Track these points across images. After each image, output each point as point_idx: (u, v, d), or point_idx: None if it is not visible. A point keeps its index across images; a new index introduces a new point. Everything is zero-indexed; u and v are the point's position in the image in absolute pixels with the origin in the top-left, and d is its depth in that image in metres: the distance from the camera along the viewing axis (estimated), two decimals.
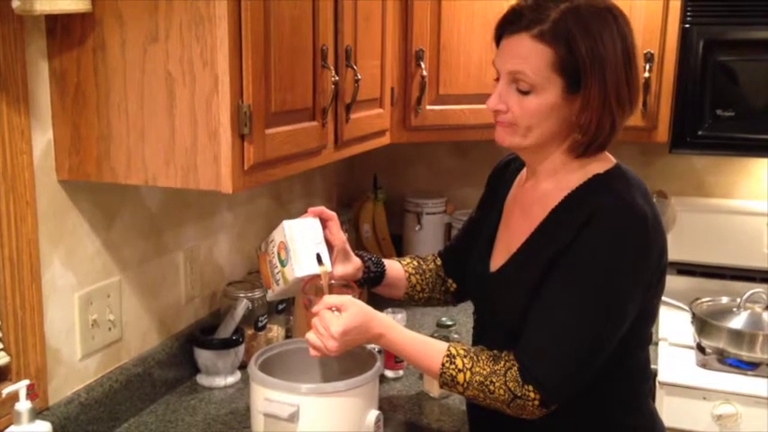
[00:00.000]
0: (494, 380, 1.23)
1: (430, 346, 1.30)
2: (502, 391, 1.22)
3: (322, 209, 1.43)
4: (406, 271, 1.55)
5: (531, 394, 1.21)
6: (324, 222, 1.42)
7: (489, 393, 1.23)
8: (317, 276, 1.35)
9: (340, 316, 1.26)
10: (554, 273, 1.22)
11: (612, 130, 1.24)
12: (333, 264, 1.40)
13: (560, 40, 1.19)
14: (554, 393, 1.22)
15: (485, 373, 1.24)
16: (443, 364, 1.26)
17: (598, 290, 1.20)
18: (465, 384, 1.25)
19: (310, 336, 1.28)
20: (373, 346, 1.44)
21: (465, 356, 1.26)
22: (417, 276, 1.56)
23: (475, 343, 1.41)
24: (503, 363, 1.24)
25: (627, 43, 1.22)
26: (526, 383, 1.21)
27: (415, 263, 1.58)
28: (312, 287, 1.36)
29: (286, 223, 1.38)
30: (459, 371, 1.25)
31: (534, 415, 1.23)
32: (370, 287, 1.53)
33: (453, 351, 1.27)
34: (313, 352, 1.29)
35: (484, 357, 1.26)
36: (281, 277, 1.38)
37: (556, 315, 1.22)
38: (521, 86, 1.23)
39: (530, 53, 1.21)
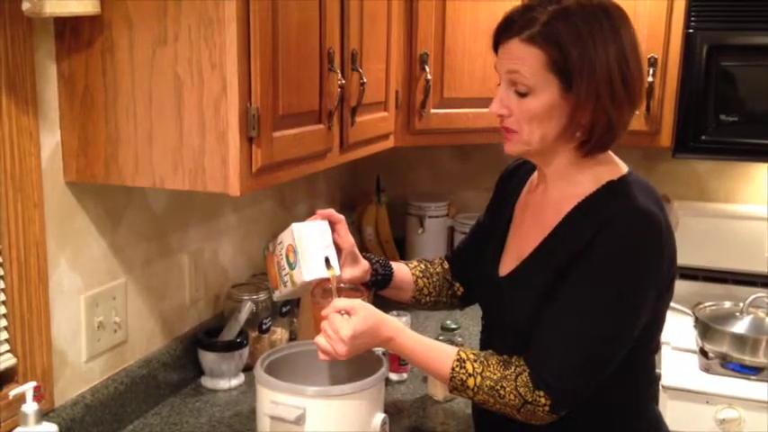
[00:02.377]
0: (504, 385, 1.22)
1: (439, 350, 1.29)
2: (512, 396, 1.22)
3: (330, 211, 1.42)
4: (413, 274, 1.54)
5: (542, 399, 1.21)
6: (332, 225, 1.41)
7: (500, 398, 1.23)
8: (326, 280, 1.35)
9: (349, 319, 1.25)
10: (567, 277, 1.22)
11: (611, 128, 1.23)
12: (341, 267, 1.39)
13: (550, 42, 1.19)
14: (565, 399, 1.21)
15: (495, 377, 1.23)
16: (453, 369, 1.25)
17: (612, 295, 1.20)
18: (475, 389, 1.25)
19: (319, 339, 1.27)
20: (378, 348, 1.44)
21: (475, 361, 1.26)
22: (425, 280, 1.55)
23: (483, 348, 1.41)
24: (513, 368, 1.23)
25: (621, 42, 1.21)
26: (537, 389, 1.21)
27: (423, 266, 1.58)
28: (320, 290, 1.36)
29: (295, 226, 1.37)
30: (470, 375, 1.24)
31: (544, 420, 1.23)
32: (378, 290, 1.52)
33: (463, 355, 1.26)
34: (322, 356, 1.27)
35: (494, 362, 1.25)
36: (288, 279, 1.38)
37: (568, 320, 1.21)
38: (519, 89, 1.23)
39: (523, 56, 1.21)
